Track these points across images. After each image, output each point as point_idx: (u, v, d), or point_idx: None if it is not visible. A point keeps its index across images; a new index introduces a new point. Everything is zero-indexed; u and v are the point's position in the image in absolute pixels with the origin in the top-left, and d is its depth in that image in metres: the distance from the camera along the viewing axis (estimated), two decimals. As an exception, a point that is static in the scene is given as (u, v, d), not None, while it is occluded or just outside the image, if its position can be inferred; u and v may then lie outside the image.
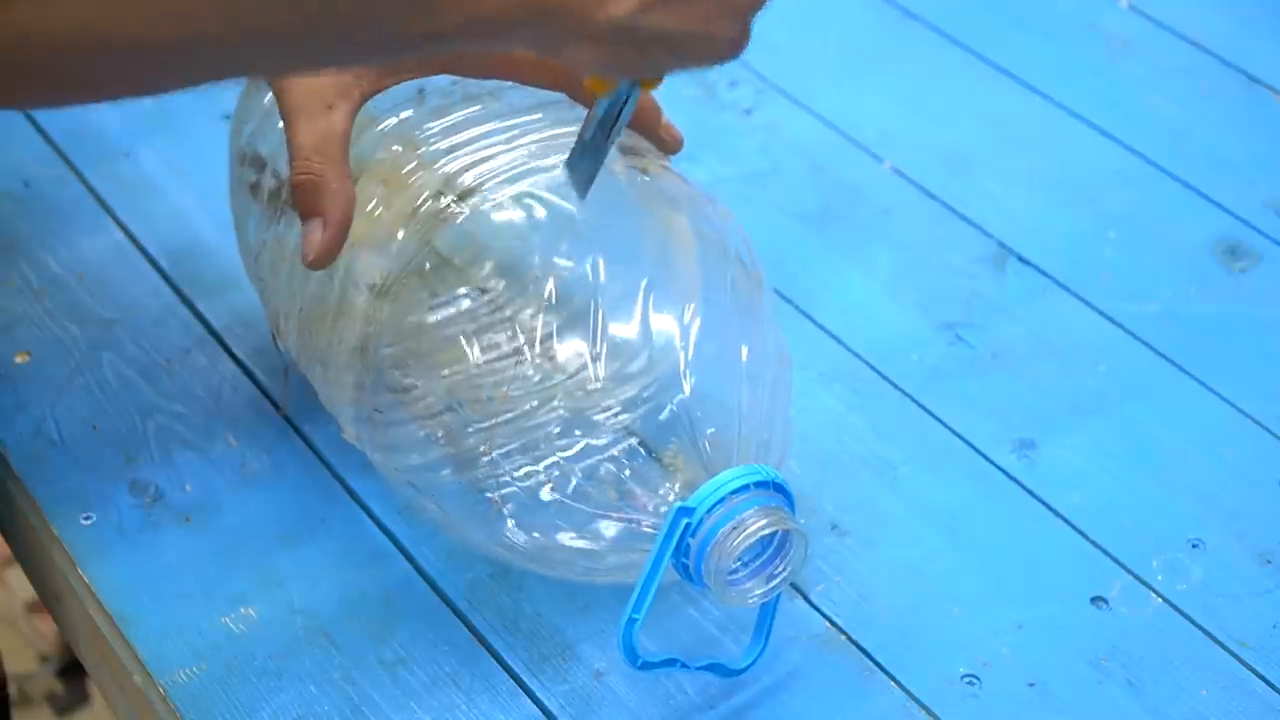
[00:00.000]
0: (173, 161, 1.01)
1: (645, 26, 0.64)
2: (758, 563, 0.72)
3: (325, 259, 0.73)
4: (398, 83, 0.76)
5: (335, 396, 0.78)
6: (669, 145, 0.79)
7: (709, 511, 0.70)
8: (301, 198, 0.73)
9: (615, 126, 0.71)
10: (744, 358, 0.75)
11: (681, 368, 0.73)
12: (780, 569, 0.72)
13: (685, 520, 0.70)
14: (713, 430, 0.73)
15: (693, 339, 0.74)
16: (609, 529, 0.73)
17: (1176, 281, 0.96)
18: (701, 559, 0.70)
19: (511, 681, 0.75)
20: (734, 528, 0.70)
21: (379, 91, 0.76)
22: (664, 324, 0.74)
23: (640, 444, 0.73)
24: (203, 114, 1.03)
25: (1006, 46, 1.12)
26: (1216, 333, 0.93)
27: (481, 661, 0.76)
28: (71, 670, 1.67)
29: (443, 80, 0.79)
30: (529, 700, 0.75)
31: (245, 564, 0.80)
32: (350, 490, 0.83)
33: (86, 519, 0.81)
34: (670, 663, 0.74)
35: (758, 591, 0.72)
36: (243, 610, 0.78)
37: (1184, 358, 0.91)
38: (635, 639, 0.71)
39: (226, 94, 1.01)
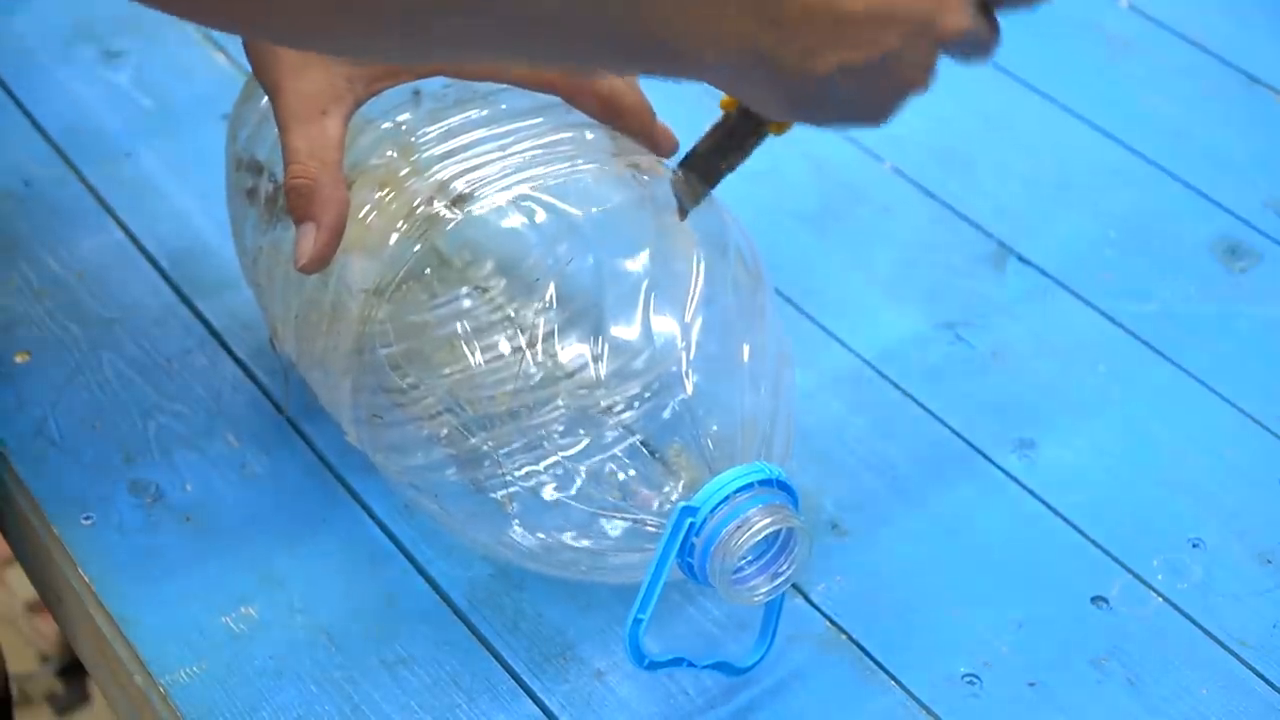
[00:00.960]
0: (173, 161, 1.01)
1: (839, 85, 0.66)
2: (763, 560, 0.72)
3: (318, 264, 0.73)
4: (393, 86, 0.76)
5: (335, 399, 0.78)
6: (662, 147, 0.79)
7: (713, 510, 0.70)
8: (295, 202, 0.73)
9: (739, 155, 0.75)
10: (745, 356, 0.75)
11: (683, 366, 0.73)
12: (785, 566, 0.72)
13: (689, 519, 0.70)
14: (715, 428, 0.73)
15: (694, 337, 0.74)
16: (613, 528, 0.73)
17: (1177, 281, 0.96)
18: (706, 558, 0.70)
19: (512, 681, 0.75)
20: (738, 526, 0.70)
21: (373, 95, 0.76)
22: (665, 323, 0.74)
23: (643, 443, 0.73)
24: (203, 114, 1.03)
25: (1006, 46, 1.11)
26: (1217, 332, 0.93)
27: (482, 662, 0.76)
28: (72, 670, 1.67)
29: (437, 83, 0.78)
30: (530, 700, 0.75)
31: (246, 564, 0.80)
32: (351, 490, 0.83)
33: (87, 519, 0.81)
34: (676, 662, 0.74)
35: (763, 589, 0.72)
36: (243, 610, 0.78)
37: (1184, 357, 0.91)
38: (641, 639, 0.71)
39: (227, 94, 1.01)
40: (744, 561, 0.71)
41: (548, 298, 0.73)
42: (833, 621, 0.78)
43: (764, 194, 1.01)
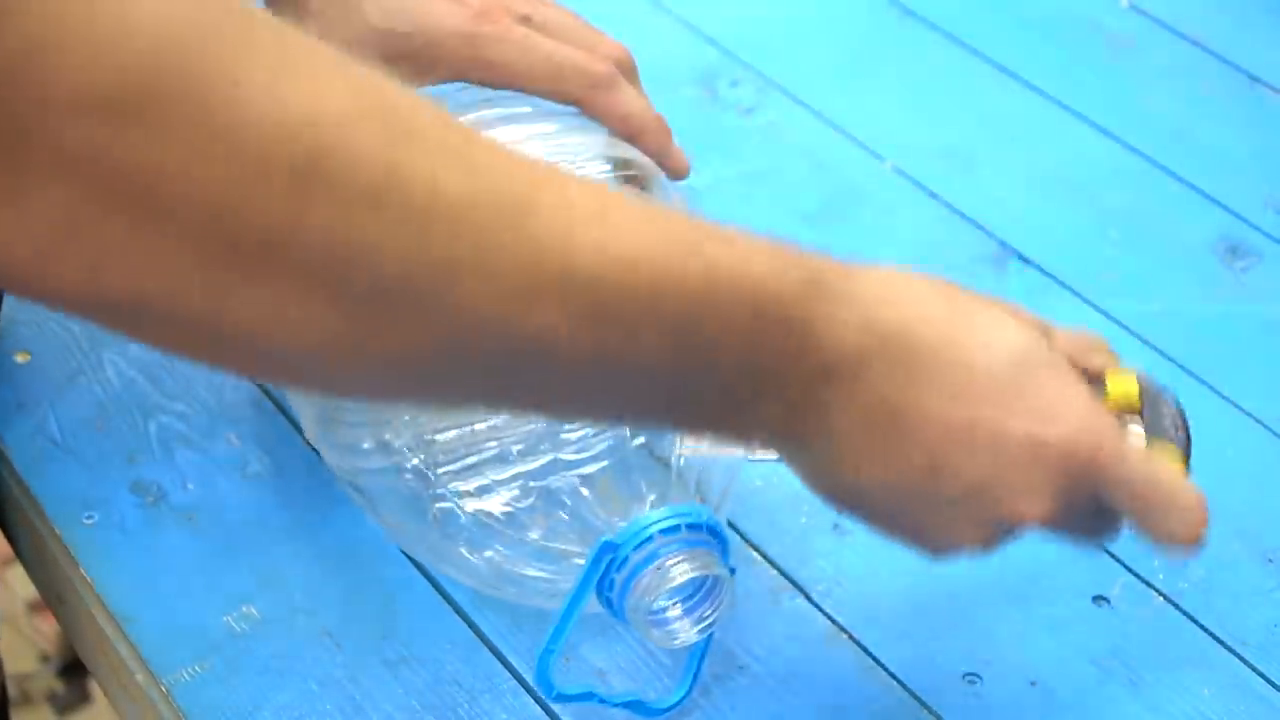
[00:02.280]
0: (174, 161, 1.01)
1: (876, 496, 0.63)
2: (688, 604, 0.71)
3: None
4: (416, 87, 0.76)
5: (300, 393, 0.78)
6: (675, 169, 0.79)
7: (635, 549, 0.69)
8: None
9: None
10: None
11: None
12: (708, 613, 0.71)
13: (609, 556, 0.69)
14: (651, 464, 0.72)
15: None
16: (553, 554, 0.72)
17: (1178, 281, 0.96)
18: (625, 595, 0.69)
19: (514, 681, 0.75)
20: (657, 568, 0.69)
21: None
22: None
23: (600, 470, 0.72)
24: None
25: (1007, 45, 1.12)
26: (1218, 332, 0.93)
27: (484, 661, 0.76)
28: (72, 669, 1.67)
29: (455, 86, 0.78)
30: (531, 699, 0.75)
31: (247, 563, 0.80)
32: (344, 488, 0.83)
33: (88, 519, 0.81)
34: (587, 696, 0.73)
35: (683, 634, 0.71)
36: (245, 609, 0.78)
37: (1185, 357, 0.91)
38: (550, 671, 0.70)
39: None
40: (669, 603, 0.70)
41: None
42: (833, 620, 0.78)
43: (764, 194, 1.01)
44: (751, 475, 0.82)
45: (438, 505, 0.73)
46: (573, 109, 0.77)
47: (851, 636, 0.77)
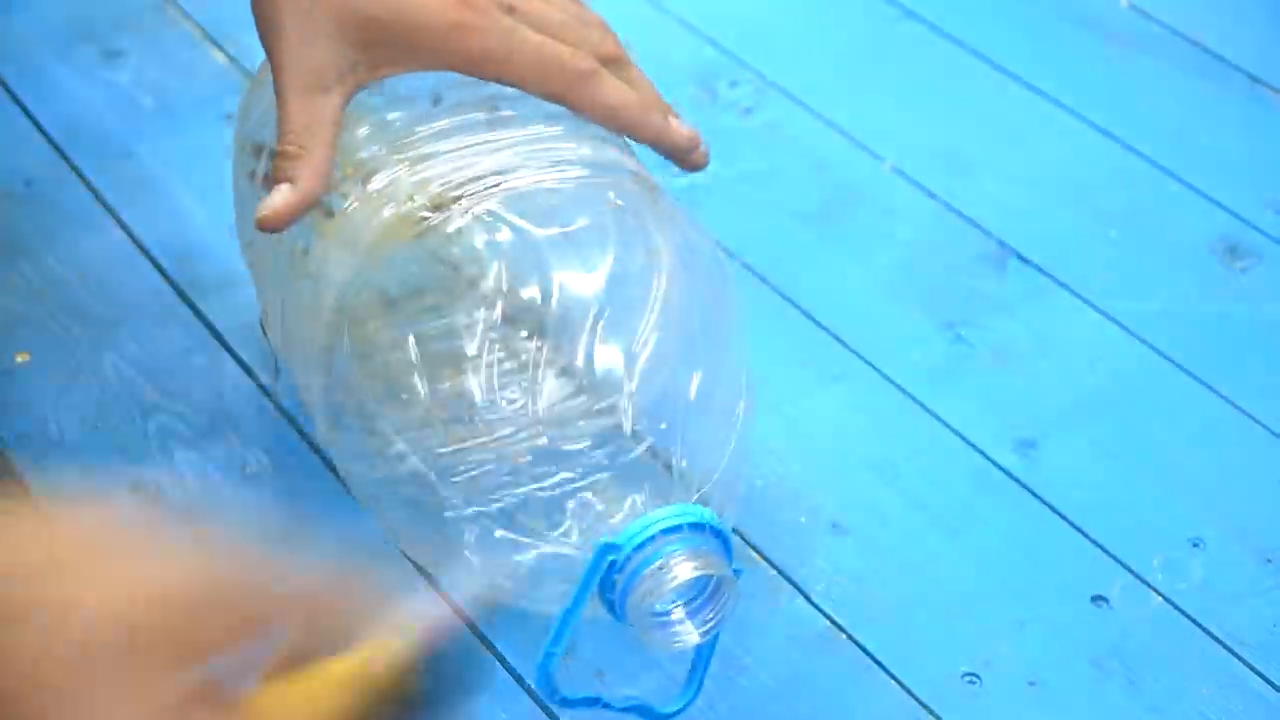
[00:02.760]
0: (174, 161, 1.01)
1: None
2: (690, 606, 0.70)
3: (276, 221, 0.71)
4: (398, 73, 0.75)
5: (308, 396, 0.78)
6: (680, 151, 0.77)
7: (637, 549, 0.68)
8: (280, 165, 0.72)
9: None
10: (693, 391, 0.73)
11: (624, 401, 0.71)
12: (711, 615, 0.70)
13: (611, 557, 0.68)
14: (652, 465, 0.71)
15: (638, 371, 0.72)
16: (557, 560, 0.72)
17: (1177, 281, 0.96)
18: (626, 596, 0.68)
19: (513, 680, 0.75)
20: (659, 568, 0.68)
21: (375, 80, 0.75)
22: (612, 354, 0.72)
23: (605, 478, 0.72)
24: (204, 113, 1.03)
25: (1007, 45, 1.12)
26: (1217, 332, 0.93)
27: (484, 661, 0.76)
28: (72, 670, 1.67)
29: (453, 84, 0.77)
30: (531, 700, 0.75)
31: (246, 563, 0.79)
32: (351, 490, 0.83)
33: (88, 518, 0.81)
34: (592, 701, 0.72)
35: (686, 637, 0.70)
36: (244, 610, 0.77)
37: (1184, 357, 0.91)
38: (553, 674, 0.69)
39: (227, 93, 1.02)
40: (673, 605, 0.69)
41: (494, 317, 0.72)
42: (833, 621, 0.78)
43: (764, 194, 1.01)
44: (752, 475, 0.82)
45: (444, 514, 0.73)
46: (564, 110, 0.76)
47: (851, 637, 0.77)
